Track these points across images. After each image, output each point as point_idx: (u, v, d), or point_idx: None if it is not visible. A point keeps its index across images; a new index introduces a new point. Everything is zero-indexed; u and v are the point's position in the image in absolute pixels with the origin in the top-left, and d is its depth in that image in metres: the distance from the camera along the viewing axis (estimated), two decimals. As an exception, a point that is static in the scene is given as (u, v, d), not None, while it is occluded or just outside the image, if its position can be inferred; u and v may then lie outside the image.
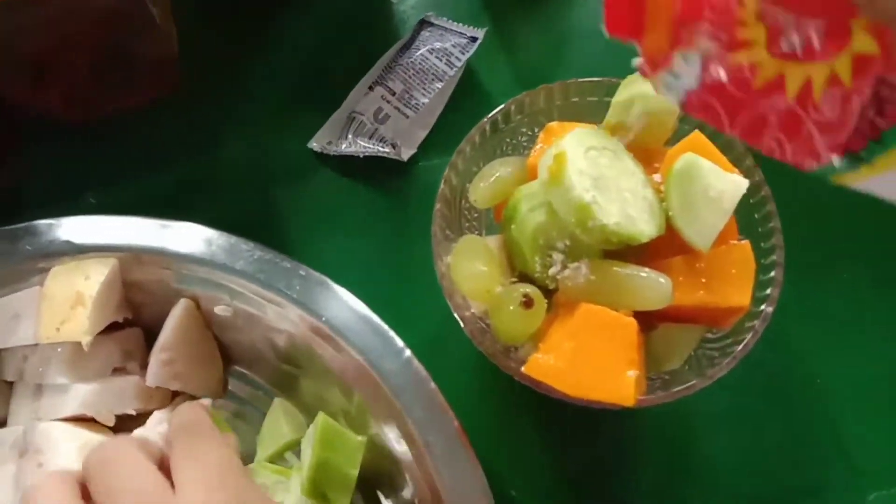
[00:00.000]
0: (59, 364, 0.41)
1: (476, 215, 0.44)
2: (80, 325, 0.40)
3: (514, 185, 0.41)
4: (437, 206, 0.40)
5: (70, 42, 0.48)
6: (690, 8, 0.26)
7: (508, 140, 0.44)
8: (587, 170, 0.35)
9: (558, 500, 0.44)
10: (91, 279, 0.41)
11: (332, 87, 0.53)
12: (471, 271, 0.38)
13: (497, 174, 0.41)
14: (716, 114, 0.27)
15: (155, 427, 0.41)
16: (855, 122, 0.25)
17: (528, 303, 0.35)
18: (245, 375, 0.46)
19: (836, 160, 0.26)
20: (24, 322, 0.41)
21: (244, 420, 0.45)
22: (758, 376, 0.46)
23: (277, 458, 0.43)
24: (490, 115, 0.42)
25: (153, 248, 0.42)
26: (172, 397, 0.45)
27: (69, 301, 0.41)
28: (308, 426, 0.43)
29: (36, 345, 0.42)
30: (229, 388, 0.46)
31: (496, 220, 0.43)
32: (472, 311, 0.40)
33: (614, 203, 0.35)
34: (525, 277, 0.39)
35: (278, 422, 0.43)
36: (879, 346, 0.47)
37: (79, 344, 0.40)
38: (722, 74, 0.26)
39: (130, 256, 0.42)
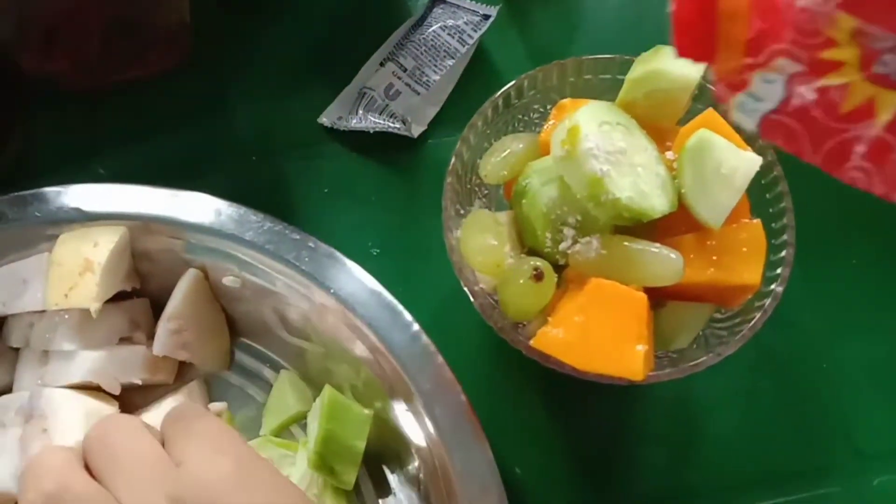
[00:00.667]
0: (66, 330, 0.41)
1: (486, 191, 0.44)
2: (88, 292, 0.40)
3: (525, 160, 0.41)
4: (448, 179, 0.40)
5: (81, 9, 0.47)
6: (769, 27, 0.24)
7: (520, 116, 0.44)
8: (600, 144, 0.35)
9: (564, 478, 0.44)
10: (100, 246, 0.41)
11: (344, 62, 0.53)
12: (481, 245, 0.38)
13: (508, 149, 0.41)
14: (797, 139, 0.25)
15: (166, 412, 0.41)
16: None
17: (538, 276, 0.35)
18: (252, 348, 0.46)
19: None
20: (32, 288, 0.41)
21: (251, 392, 0.45)
22: (765, 357, 0.45)
23: (283, 431, 0.44)
24: (503, 90, 0.42)
25: (162, 217, 0.42)
26: (179, 370, 0.45)
27: (78, 267, 0.40)
28: (314, 399, 0.43)
29: (43, 311, 0.42)
30: (236, 360, 0.46)
31: (506, 196, 0.43)
32: (482, 286, 0.40)
33: (627, 177, 0.35)
34: (535, 253, 0.39)
35: (284, 394, 0.43)
36: (889, 330, 0.47)
37: (86, 311, 0.40)
38: (808, 97, 0.24)
39: (139, 225, 0.42)
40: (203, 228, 0.42)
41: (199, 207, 0.42)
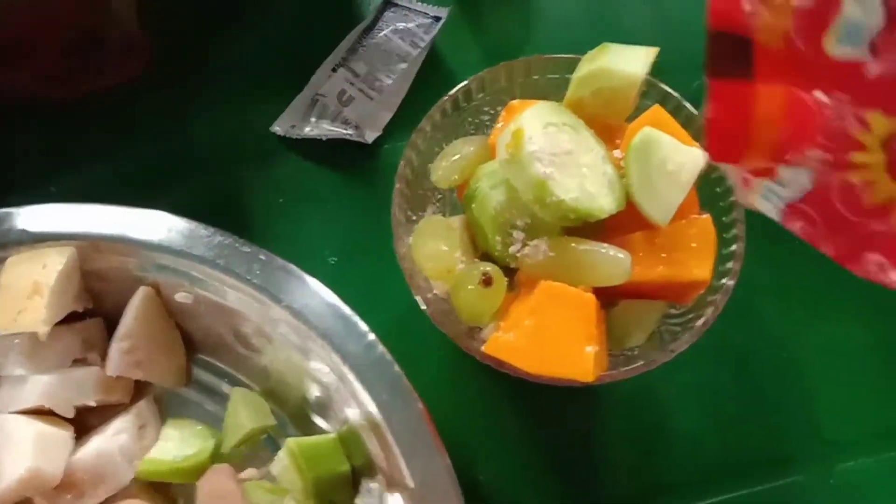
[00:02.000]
0: (16, 355, 0.40)
1: (440, 195, 0.44)
2: (37, 315, 0.39)
3: (475, 164, 0.40)
4: (397, 185, 0.39)
5: (40, 24, 0.47)
6: (799, 133, 0.25)
7: (471, 119, 0.43)
8: (545, 146, 0.35)
9: (527, 483, 0.43)
10: (48, 268, 0.40)
11: (297, 70, 0.52)
12: (432, 251, 0.38)
13: (458, 153, 0.41)
14: (816, 229, 0.26)
15: (114, 436, 0.40)
16: None
17: (487, 281, 0.35)
18: (210, 364, 0.45)
19: None
20: (-20, 313, 0.41)
21: (210, 409, 0.44)
22: (726, 349, 0.46)
23: (242, 447, 0.43)
24: (451, 94, 0.41)
25: (111, 236, 0.41)
26: (136, 387, 0.44)
27: (26, 291, 0.40)
28: (272, 413, 0.43)
29: (-7, 337, 0.41)
30: (195, 376, 0.45)
31: (460, 199, 0.43)
32: (436, 292, 0.40)
33: (572, 179, 0.35)
34: (488, 257, 0.39)
35: (238, 413, 0.43)
36: (848, 319, 0.47)
37: (36, 334, 0.40)
38: (832, 190, 0.25)
39: (88, 244, 0.42)
40: (152, 245, 0.41)
41: (147, 224, 0.41)
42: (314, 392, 0.41)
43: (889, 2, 0.21)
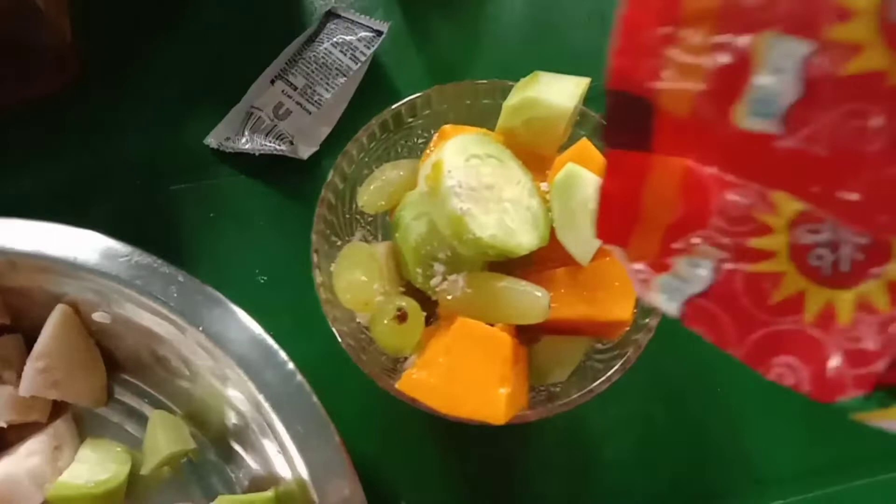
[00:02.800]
0: (-78, 375, 0.39)
1: (370, 219, 0.43)
2: (-57, 335, 0.38)
3: (404, 189, 0.39)
4: (319, 210, 0.38)
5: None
6: (695, 215, 0.23)
7: (403, 142, 0.43)
8: (465, 180, 0.34)
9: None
10: (-43, 285, 0.39)
11: (235, 81, 0.51)
12: (350, 281, 0.37)
13: (385, 178, 0.40)
14: (721, 327, 0.23)
15: (25, 458, 0.39)
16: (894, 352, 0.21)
17: (401, 317, 0.34)
18: (131, 384, 0.44)
19: (862, 395, 0.22)
20: None
21: (129, 429, 0.43)
22: (659, 382, 0.45)
23: (163, 471, 0.42)
24: (379, 116, 0.40)
25: (27, 253, 0.40)
26: (55, 406, 0.43)
27: (-66, 308, 0.39)
28: (192, 437, 0.42)
29: None
30: (115, 396, 0.44)
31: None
32: (359, 320, 0.39)
33: (491, 214, 0.34)
34: (412, 286, 0.38)
35: (156, 436, 0.41)
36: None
37: (-55, 353, 0.38)
38: (736, 283, 0.23)
39: (4, 261, 0.40)
40: (69, 264, 0.40)
41: (65, 241, 0.40)
42: (232, 419, 0.41)
43: (807, 72, 0.20)
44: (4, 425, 0.40)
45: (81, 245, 0.40)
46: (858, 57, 0.19)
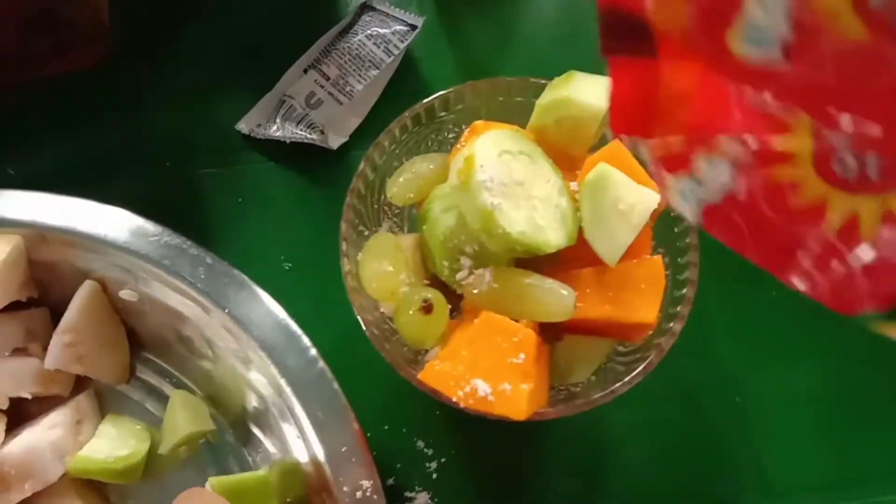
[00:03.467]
0: (-47, 341, 0.40)
1: (398, 210, 0.43)
2: (-26, 305, 0.39)
3: (433, 183, 0.40)
4: (348, 199, 0.39)
5: (0, 5, 0.46)
6: (714, 112, 0.22)
7: (434, 136, 0.43)
8: (496, 175, 0.34)
9: (473, 496, 0.43)
10: (-10, 256, 0.39)
11: (267, 67, 0.51)
12: (376, 271, 0.37)
13: (415, 171, 0.40)
14: (739, 234, 0.23)
15: (48, 429, 0.39)
16: None
17: (427, 308, 0.34)
18: (153, 362, 0.45)
19: (882, 311, 0.21)
20: (-82, 296, 0.40)
21: (149, 407, 0.44)
22: (677, 387, 0.45)
23: (181, 450, 0.42)
24: (412, 109, 0.41)
25: (59, 228, 0.41)
26: (77, 381, 0.44)
27: (-34, 278, 0.39)
28: (211, 418, 0.43)
29: (-69, 320, 0.41)
30: (137, 374, 0.45)
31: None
32: (383, 310, 0.39)
33: (521, 211, 0.34)
34: (437, 279, 0.38)
35: (175, 416, 0.42)
36: (801, 366, 0.46)
37: (-26, 322, 0.39)
38: (755, 187, 0.22)
39: (35, 234, 0.41)
40: (98, 240, 0.40)
41: (97, 218, 0.41)
42: (252, 402, 0.41)
43: (795, 13, 0.19)
44: (29, 396, 0.41)
45: (112, 222, 0.41)
46: None
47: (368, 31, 0.50)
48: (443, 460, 0.43)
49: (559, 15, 0.54)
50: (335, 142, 0.49)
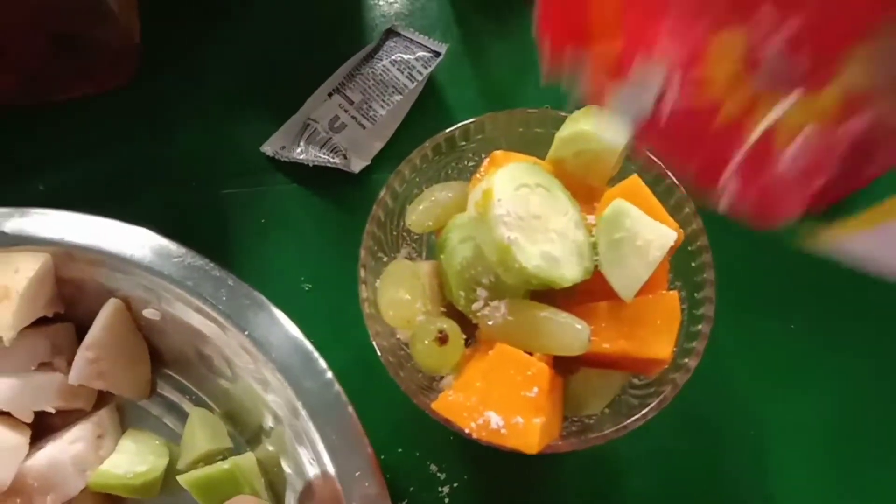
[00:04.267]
0: (-20, 355, 0.41)
1: (417, 237, 0.44)
2: (3, 321, 0.39)
3: (452, 211, 0.40)
4: (368, 227, 0.39)
5: (28, 26, 0.47)
6: (646, 11, 0.22)
7: (454, 164, 0.43)
8: (514, 209, 0.34)
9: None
10: (20, 273, 0.40)
11: (292, 91, 0.52)
12: (393, 299, 0.37)
13: (434, 198, 0.40)
14: (671, 146, 0.23)
15: (70, 444, 0.40)
16: (836, 169, 0.21)
17: (442, 339, 0.35)
18: (174, 379, 0.45)
19: (808, 214, 0.21)
20: (-52, 310, 0.41)
21: (168, 423, 0.45)
22: (690, 417, 0.45)
23: (199, 465, 0.43)
24: (433, 139, 0.41)
25: (86, 247, 0.42)
26: (99, 396, 0.45)
27: (-6, 294, 0.40)
28: (229, 436, 0.43)
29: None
30: (158, 390, 0.45)
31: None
32: (399, 337, 0.40)
33: (538, 245, 0.34)
34: (453, 307, 0.39)
35: (194, 433, 0.43)
36: (816, 399, 0.46)
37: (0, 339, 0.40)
38: (687, 96, 0.22)
39: (63, 252, 0.42)
40: (125, 260, 0.41)
41: (123, 238, 0.42)
42: (269, 422, 0.42)
43: None
44: (53, 410, 0.42)
45: (137, 242, 0.41)
46: None
47: (393, 57, 0.51)
48: (455, 485, 0.43)
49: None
50: (357, 165, 0.49)
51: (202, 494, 0.40)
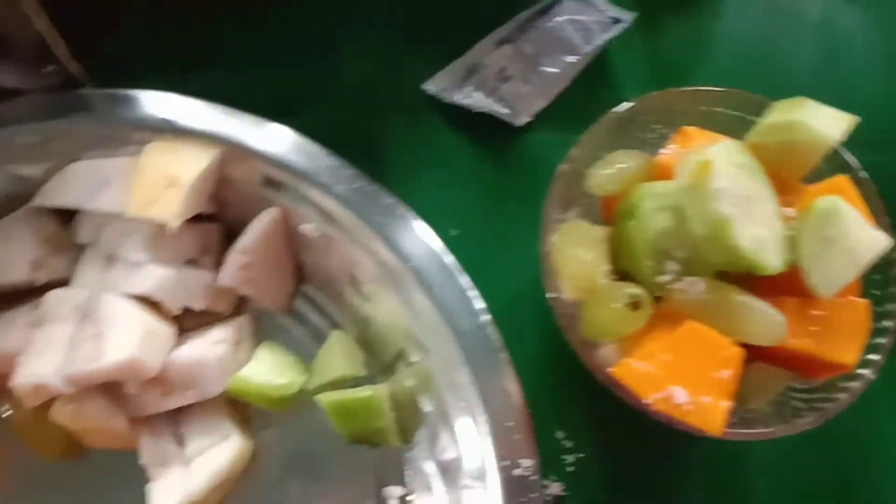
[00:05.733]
0: (139, 240, 0.40)
1: (588, 200, 0.43)
2: (171, 207, 0.39)
3: (635, 179, 0.39)
4: (556, 184, 0.38)
5: None
6: None
7: (637, 134, 0.42)
8: (730, 186, 0.33)
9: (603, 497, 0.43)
10: (190, 164, 0.40)
11: (460, 33, 0.51)
12: (575, 257, 0.37)
13: (621, 165, 0.40)
14: None
15: (213, 344, 0.40)
16: None
17: (635, 305, 0.34)
18: (314, 298, 0.45)
19: None
20: (114, 189, 0.41)
21: (301, 340, 0.44)
22: (831, 430, 0.44)
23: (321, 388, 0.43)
24: (627, 105, 0.40)
25: (257, 150, 0.41)
26: (238, 305, 0.44)
27: (163, 180, 0.40)
28: (363, 364, 0.43)
29: (116, 215, 0.41)
30: (295, 305, 0.45)
31: (603, 210, 0.42)
32: (562, 296, 0.39)
33: (750, 226, 0.34)
34: (625, 275, 0.38)
35: (332, 355, 0.42)
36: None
37: (162, 225, 0.40)
38: None
39: (231, 151, 0.41)
40: (295, 171, 0.40)
41: (295, 148, 0.41)
42: (413, 357, 0.41)
43: None
44: (199, 308, 0.41)
45: (310, 156, 0.41)
46: None
47: (571, 16, 0.50)
48: (581, 455, 0.43)
49: (763, 28, 0.54)
50: (521, 119, 0.48)
51: (339, 417, 0.39)
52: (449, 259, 0.39)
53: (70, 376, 0.37)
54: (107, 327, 0.38)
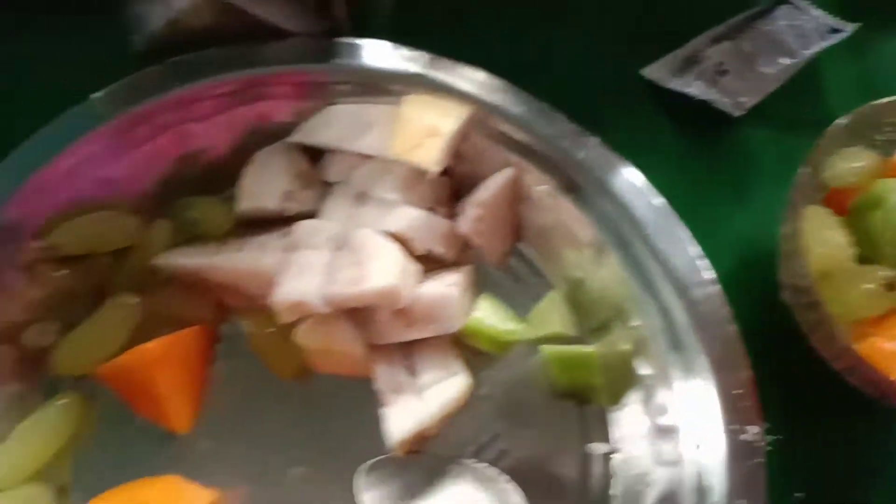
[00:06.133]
0: (395, 181, 0.43)
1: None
2: (432, 154, 0.42)
3: (873, 175, 0.41)
4: (806, 169, 0.40)
5: None
6: None
7: (872, 135, 0.44)
8: None
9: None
10: (450, 117, 0.43)
11: (677, 29, 0.54)
12: (824, 239, 0.39)
13: (860, 161, 0.42)
14: None
15: (449, 285, 0.42)
16: None
17: (891, 286, 0.36)
18: (527, 256, 0.47)
19: None
20: (375, 133, 0.44)
21: (509, 294, 0.46)
22: None
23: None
24: (859, 111, 0.42)
25: (506, 111, 0.43)
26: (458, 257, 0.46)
27: (424, 130, 0.43)
28: (573, 324, 0.45)
29: (368, 157, 0.44)
30: (511, 264, 0.47)
31: (831, 202, 0.44)
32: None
33: None
34: (864, 262, 0.39)
35: (551, 313, 0.45)
36: None
37: (414, 170, 0.43)
38: None
39: (480, 109, 0.44)
40: (540, 134, 0.43)
41: (539, 112, 0.43)
42: (632, 322, 0.42)
43: None
44: (437, 251, 0.44)
45: (551, 121, 0.43)
46: None
47: (790, 21, 0.52)
48: (779, 437, 0.44)
49: None
50: (738, 111, 0.50)
51: (559, 369, 0.42)
52: (682, 229, 0.41)
53: (330, 297, 0.40)
54: (367, 256, 0.41)
